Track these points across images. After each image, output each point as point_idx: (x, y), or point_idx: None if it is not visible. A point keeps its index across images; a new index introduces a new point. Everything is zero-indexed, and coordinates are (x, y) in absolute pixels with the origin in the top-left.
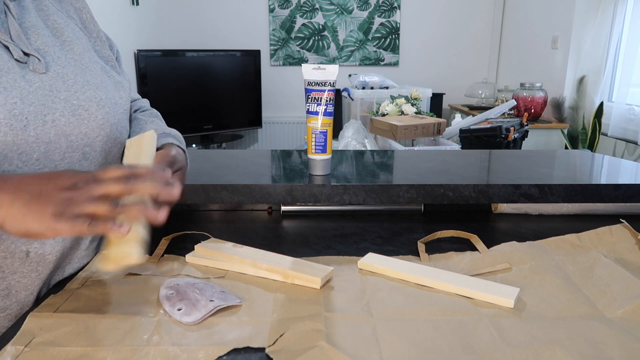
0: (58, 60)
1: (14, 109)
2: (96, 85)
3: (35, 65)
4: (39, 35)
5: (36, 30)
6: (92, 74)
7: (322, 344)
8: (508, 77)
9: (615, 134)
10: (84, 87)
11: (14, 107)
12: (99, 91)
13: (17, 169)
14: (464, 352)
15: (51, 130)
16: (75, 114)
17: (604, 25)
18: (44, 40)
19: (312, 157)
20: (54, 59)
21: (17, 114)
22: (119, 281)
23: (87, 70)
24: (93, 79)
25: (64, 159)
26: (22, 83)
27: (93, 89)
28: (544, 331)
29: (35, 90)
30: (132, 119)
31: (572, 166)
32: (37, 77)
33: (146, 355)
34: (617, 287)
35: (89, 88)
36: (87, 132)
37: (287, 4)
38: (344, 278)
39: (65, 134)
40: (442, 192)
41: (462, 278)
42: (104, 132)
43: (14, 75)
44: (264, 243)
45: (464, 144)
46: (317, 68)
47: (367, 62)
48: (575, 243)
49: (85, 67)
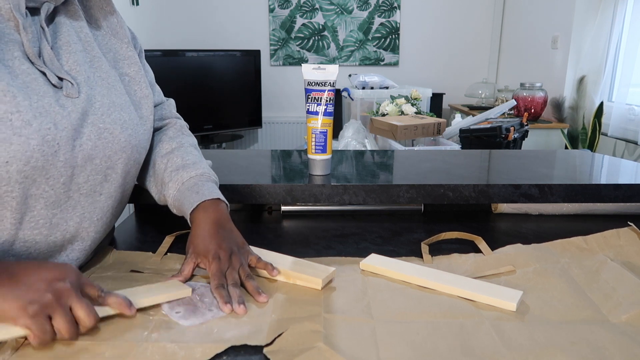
0: (88, 81)
1: (47, 135)
2: (121, 107)
3: (69, 90)
4: (71, 53)
5: (69, 47)
6: (117, 93)
7: (320, 345)
8: (508, 77)
9: (615, 134)
10: (110, 109)
11: (47, 132)
12: (123, 112)
13: (43, 192)
14: (463, 355)
15: (79, 155)
16: (101, 137)
17: (604, 25)
18: (76, 58)
19: (312, 157)
20: (84, 79)
21: (50, 140)
22: (121, 278)
23: (112, 90)
24: (118, 99)
25: (88, 182)
26: (57, 108)
27: (118, 111)
28: (546, 335)
29: (68, 114)
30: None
31: (572, 166)
32: (69, 102)
33: (144, 352)
34: (622, 291)
35: (115, 110)
36: (111, 154)
37: (287, 4)
38: (345, 279)
39: (91, 158)
40: (442, 192)
41: (465, 280)
42: (125, 155)
43: (49, 100)
44: (264, 243)
45: (464, 144)
46: (317, 68)
47: (367, 62)
48: (582, 246)
49: (111, 87)
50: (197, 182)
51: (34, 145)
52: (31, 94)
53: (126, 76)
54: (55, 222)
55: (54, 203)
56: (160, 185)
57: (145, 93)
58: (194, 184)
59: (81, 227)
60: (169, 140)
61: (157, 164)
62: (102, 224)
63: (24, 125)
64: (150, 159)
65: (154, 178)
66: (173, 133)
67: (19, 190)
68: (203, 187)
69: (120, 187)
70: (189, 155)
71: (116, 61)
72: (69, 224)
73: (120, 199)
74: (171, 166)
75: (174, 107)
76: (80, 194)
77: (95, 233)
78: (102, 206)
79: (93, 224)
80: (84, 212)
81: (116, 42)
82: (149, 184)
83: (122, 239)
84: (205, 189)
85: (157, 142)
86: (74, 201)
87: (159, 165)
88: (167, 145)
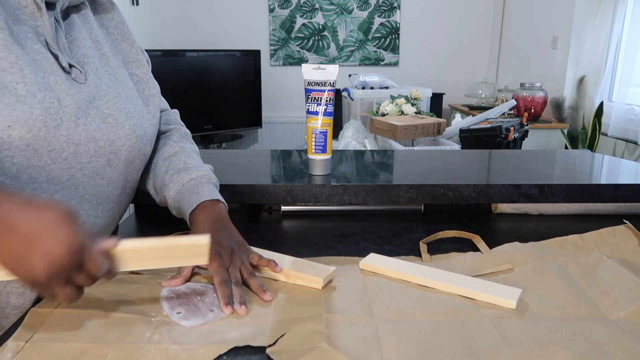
0: (96, 71)
1: (50, 107)
2: (126, 98)
3: (76, 75)
4: (81, 47)
5: (79, 42)
6: (123, 87)
7: (323, 345)
8: (508, 77)
9: (615, 134)
10: (115, 99)
11: (50, 105)
12: (129, 104)
13: (45, 165)
14: (466, 353)
15: (82, 133)
16: (105, 121)
17: (604, 25)
18: (85, 51)
19: (312, 157)
20: (92, 69)
21: (53, 113)
22: (121, 279)
23: (119, 84)
24: (124, 92)
25: (90, 162)
26: (63, 86)
27: (123, 101)
28: (545, 332)
29: (73, 94)
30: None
31: (572, 166)
32: (76, 85)
33: (147, 354)
34: (620, 288)
35: (120, 100)
36: (115, 139)
37: (287, 4)
38: (346, 279)
39: (95, 139)
40: (442, 192)
41: (464, 279)
42: (129, 142)
43: (56, 78)
44: (264, 243)
45: (464, 144)
46: (317, 68)
47: (367, 62)
48: (578, 244)
49: (118, 81)
50: (197, 184)
51: (36, 115)
52: (38, 70)
53: (135, 76)
54: (56, 198)
55: (56, 178)
56: (161, 187)
57: (152, 92)
58: (194, 185)
59: (82, 208)
60: (173, 144)
61: (159, 166)
62: (102, 209)
63: (28, 95)
64: (153, 161)
65: (154, 180)
66: (177, 138)
67: (19, 156)
68: (203, 189)
69: (123, 175)
70: (191, 160)
71: (125, 62)
72: (70, 203)
73: (123, 187)
74: (172, 169)
75: (178, 115)
76: (83, 174)
77: (95, 218)
78: (103, 191)
79: (93, 207)
80: (85, 194)
81: (126, 45)
82: (149, 185)
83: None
84: (204, 190)
85: (160, 146)
86: (76, 180)
87: (160, 168)
88: (170, 149)
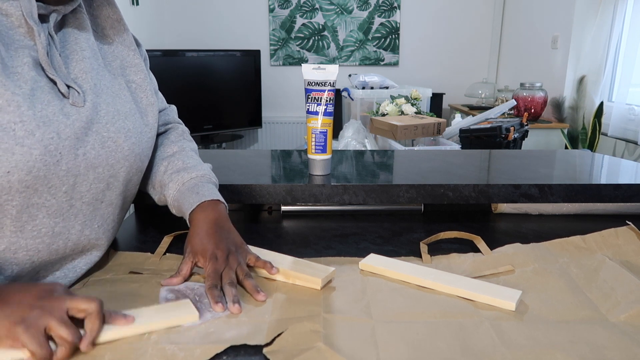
0: (94, 89)
1: (49, 144)
2: (125, 115)
3: (75, 99)
4: (78, 61)
5: (76, 54)
6: (122, 102)
7: (320, 345)
8: (508, 77)
9: (615, 134)
10: (114, 118)
11: (50, 142)
12: (127, 121)
13: (45, 201)
14: (463, 355)
15: (81, 163)
16: (105, 146)
17: (604, 25)
18: (83, 65)
19: (312, 157)
20: (90, 87)
21: (52, 150)
22: (120, 280)
23: (117, 99)
24: (123, 107)
25: (90, 190)
26: (61, 117)
27: (122, 119)
28: (545, 334)
29: (72, 123)
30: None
31: (572, 166)
32: (74, 110)
33: (144, 354)
34: (621, 290)
35: (119, 118)
36: (114, 163)
37: (287, 4)
38: (345, 279)
39: (94, 166)
40: (442, 192)
41: (464, 280)
42: (128, 163)
43: (54, 109)
44: (264, 243)
45: (464, 144)
46: (317, 68)
47: (367, 62)
48: (580, 245)
49: (116, 95)
50: (197, 183)
51: (36, 155)
52: (36, 102)
53: (133, 83)
54: (57, 230)
55: (56, 212)
56: (160, 187)
57: (151, 101)
58: (194, 185)
59: (83, 234)
60: (171, 144)
61: (158, 165)
62: (104, 230)
63: (26, 135)
64: (152, 161)
65: (153, 180)
66: (175, 137)
67: (19, 199)
68: (203, 188)
69: (122, 195)
70: (190, 159)
71: (123, 68)
72: (71, 232)
73: (122, 205)
74: (172, 168)
75: (175, 113)
76: (83, 202)
77: (96, 240)
78: (102, 213)
79: (94, 231)
80: (85, 220)
81: (123, 49)
82: (148, 185)
83: (123, 239)
84: (205, 189)
85: (159, 145)
86: (76, 209)
87: (159, 168)
88: (168, 149)
